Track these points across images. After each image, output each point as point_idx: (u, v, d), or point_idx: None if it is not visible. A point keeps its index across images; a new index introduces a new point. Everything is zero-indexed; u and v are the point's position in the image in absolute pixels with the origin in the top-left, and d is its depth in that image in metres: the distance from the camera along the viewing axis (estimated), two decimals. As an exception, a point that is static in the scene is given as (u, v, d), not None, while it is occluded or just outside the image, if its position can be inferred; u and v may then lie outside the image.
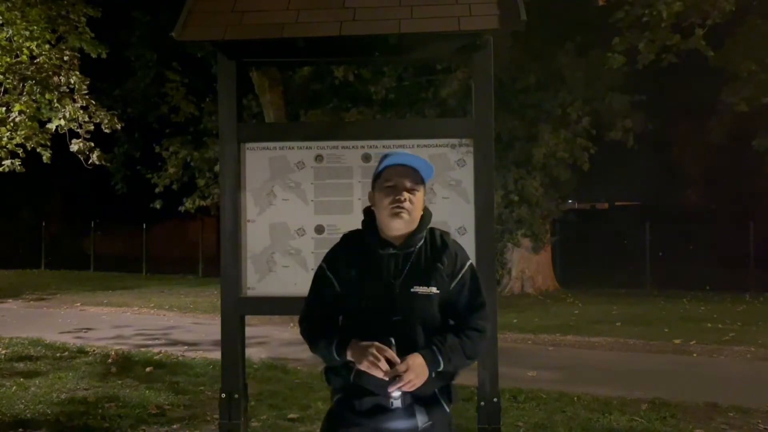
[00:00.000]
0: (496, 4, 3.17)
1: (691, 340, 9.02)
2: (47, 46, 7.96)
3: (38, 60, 7.87)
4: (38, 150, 8.27)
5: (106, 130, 8.45)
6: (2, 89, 7.89)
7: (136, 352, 8.39)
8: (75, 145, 8.17)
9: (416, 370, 2.09)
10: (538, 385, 6.47)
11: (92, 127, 8.26)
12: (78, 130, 8.16)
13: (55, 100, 7.91)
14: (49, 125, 8.20)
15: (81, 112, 8.03)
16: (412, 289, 2.19)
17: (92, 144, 8.31)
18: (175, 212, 16.43)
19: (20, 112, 7.77)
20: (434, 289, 2.21)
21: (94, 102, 8.27)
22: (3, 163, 8.09)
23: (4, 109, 7.83)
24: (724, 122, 14.02)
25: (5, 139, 7.95)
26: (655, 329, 9.86)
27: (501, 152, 12.73)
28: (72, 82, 7.95)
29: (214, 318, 10.80)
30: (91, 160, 8.31)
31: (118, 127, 8.66)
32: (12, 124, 7.86)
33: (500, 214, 13.41)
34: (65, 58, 7.97)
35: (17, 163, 8.10)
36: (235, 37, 3.24)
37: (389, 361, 2.08)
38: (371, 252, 2.25)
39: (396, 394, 2.11)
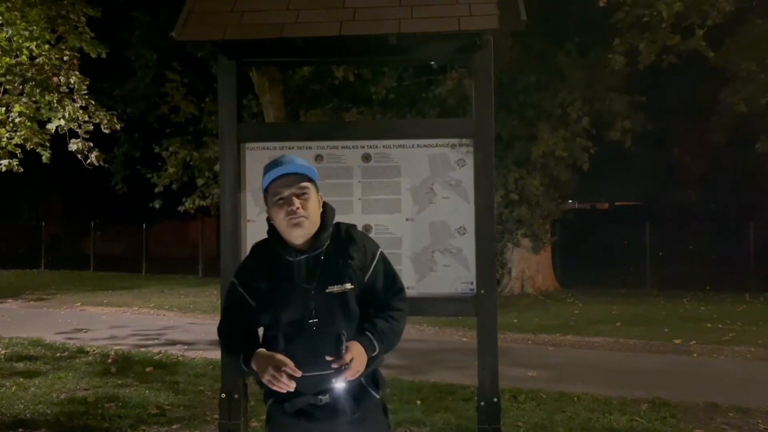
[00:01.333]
0: (496, 4, 3.16)
1: (691, 340, 9.03)
2: (47, 47, 7.96)
3: (38, 60, 7.86)
4: (38, 150, 8.27)
5: (106, 131, 8.45)
6: (1, 90, 7.88)
7: (136, 352, 8.40)
8: (74, 145, 8.17)
9: (359, 358, 2.13)
10: (538, 385, 6.47)
11: (92, 128, 8.26)
12: (77, 130, 8.16)
13: (55, 101, 7.90)
14: (48, 125, 8.20)
15: (81, 112, 8.03)
16: (327, 290, 2.20)
17: (91, 144, 8.31)
18: (175, 212, 16.43)
19: (20, 114, 7.76)
20: (348, 285, 2.22)
21: (93, 102, 8.27)
22: (0, 162, 8.10)
23: (3, 109, 7.83)
24: (724, 122, 14.02)
25: (5, 140, 7.94)
26: (655, 329, 9.86)
27: (501, 152, 12.75)
28: (72, 82, 7.95)
29: (214, 318, 10.80)
30: (89, 160, 8.31)
31: (118, 127, 8.67)
32: (11, 125, 7.85)
33: (500, 214, 13.42)
34: (65, 58, 7.96)
35: (15, 163, 8.09)
36: (235, 37, 3.24)
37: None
38: (281, 260, 2.24)
39: (339, 385, 2.15)
